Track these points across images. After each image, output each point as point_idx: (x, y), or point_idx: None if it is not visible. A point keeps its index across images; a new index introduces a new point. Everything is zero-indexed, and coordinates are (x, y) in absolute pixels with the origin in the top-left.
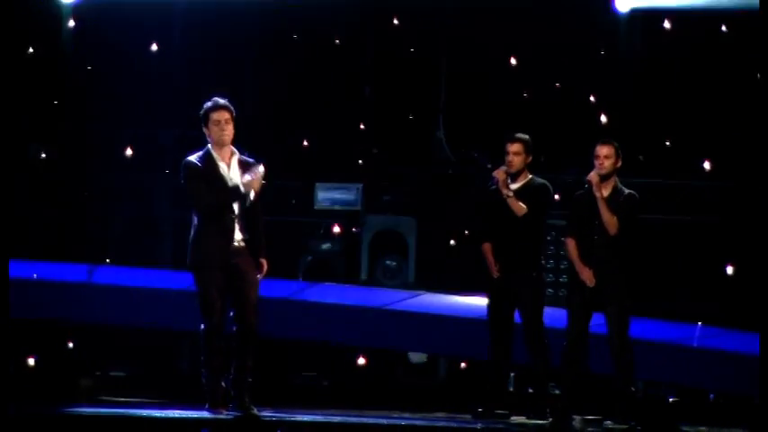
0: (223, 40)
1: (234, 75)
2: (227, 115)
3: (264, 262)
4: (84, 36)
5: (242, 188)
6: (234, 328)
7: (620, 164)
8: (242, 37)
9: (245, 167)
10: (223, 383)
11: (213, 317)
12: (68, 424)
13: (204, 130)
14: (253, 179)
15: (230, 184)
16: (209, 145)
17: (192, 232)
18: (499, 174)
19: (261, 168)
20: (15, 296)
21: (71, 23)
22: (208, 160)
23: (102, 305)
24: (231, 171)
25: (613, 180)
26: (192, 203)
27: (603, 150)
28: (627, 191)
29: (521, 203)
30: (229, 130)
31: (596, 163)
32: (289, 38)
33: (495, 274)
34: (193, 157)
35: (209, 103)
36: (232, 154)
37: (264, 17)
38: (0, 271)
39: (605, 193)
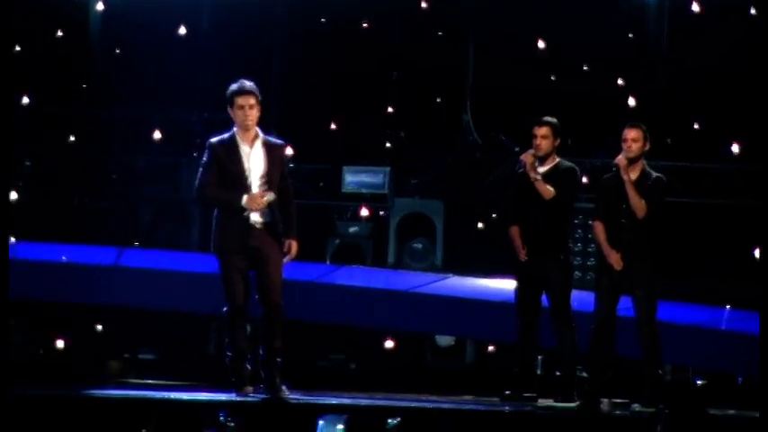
0: (251, 24)
1: (262, 58)
2: (252, 100)
3: (294, 243)
4: (113, 20)
5: (243, 201)
6: (260, 311)
7: (647, 147)
8: (270, 20)
9: (269, 149)
10: (248, 366)
11: (235, 299)
12: (97, 406)
13: (229, 111)
14: (258, 201)
15: (248, 172)
16: (235, 127)
17: (214, 216)
18: (527, 157)
19: (271, 196)
20: (44, 279)
21: (99, 7)
22: (231, 143)
23: (131, 288)
24: (254, 153)
25: (641, 163)
26: (196, 186)
27: (631, 134)
28: (655, 174)
29: (548, 187)
30: (253, 115)
31: (624, 146)
32: (317, 21)
33: (522, 258)
34: (217, 139)
35: (234, 86)
36: (256, 136)
37: (293, 0)
38: (0, 255)
39: (633, 176)
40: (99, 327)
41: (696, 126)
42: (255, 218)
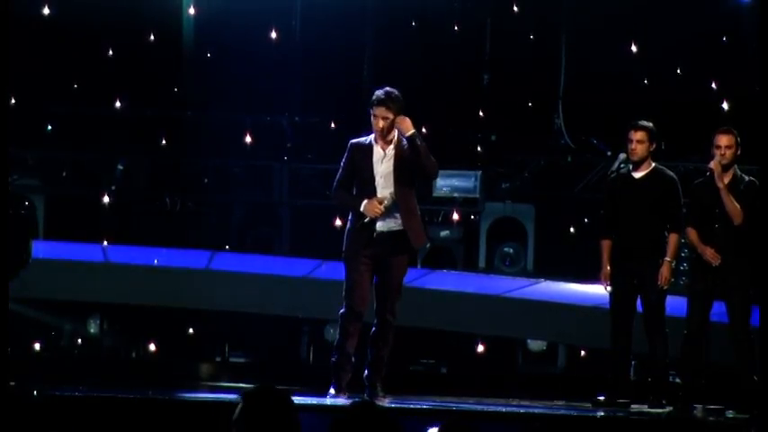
0: (342, 28)
1: (352, 62)
2: (382, 112)
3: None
4: (205, 24)
5: (362, 207)
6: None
7: (739, 151)
8: (360, 24)
9: (401, 149)
10: (350, 373)
11: (353, 303)
12: (188, 409)
13: None
14: (376, 208)
15: (376, 174)
16: None
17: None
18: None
19: (389, 200)
20: (136, 282)
21: (192, 11)
22: (368, 145)
23: (223, 292)
24: (386, 158)
25: (733, 167)
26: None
27: (725, 140)
28: (747, 178)
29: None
30: (384, 125)
31: (717, 153)
32: (407, 25)
33: (604, 282)
34: (356, 140)
35: (374, 95)
36: (393, 140)
37: (383, 4)
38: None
39: (725, 180)
40: (190, 330)
41: None
42: (381, 225)
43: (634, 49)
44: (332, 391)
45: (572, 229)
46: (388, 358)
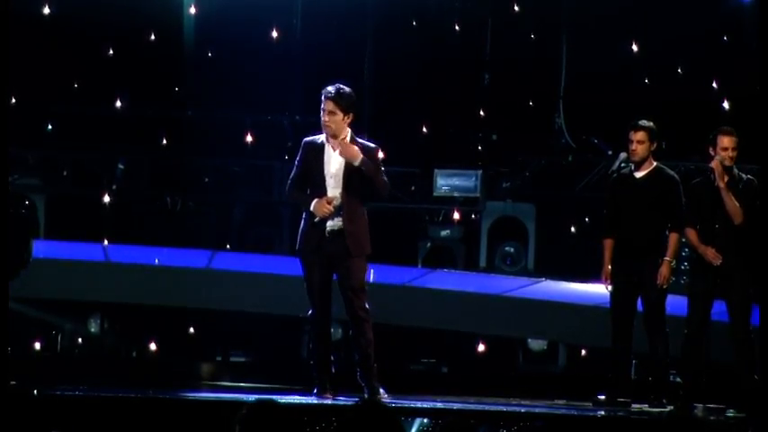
0: (342, 27)
1: (353, 61)
2: (328, 106)
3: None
4: (206, 23)
5: (311, 206)
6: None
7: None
8: (361, 24)
9: (350, 151)
10: (332, 370)
11: (313, 303)
12: (188, 408)
13: None
14: (325, 208)
15: (326, 174)
16: None
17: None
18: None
19: (338, 200)
20: (137, 282)
21: (192, 11)
22: (320, 143)
23: (223, 291)
24: (336, 157)
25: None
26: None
27: (731, 141)
28: (745, 176)
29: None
30: (331, 120)
31: (724, 154)
32: (408, 24)
33: (605, 280)
34: (310, 138)
35: (325, 89)
36: (345, 139)
37: (383, 3)
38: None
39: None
40: (191, 330)
41: None
42: (332, 223)
43: (634, 48)
44: (315, 391)
45: (573, 229)
46: (375, 355)
